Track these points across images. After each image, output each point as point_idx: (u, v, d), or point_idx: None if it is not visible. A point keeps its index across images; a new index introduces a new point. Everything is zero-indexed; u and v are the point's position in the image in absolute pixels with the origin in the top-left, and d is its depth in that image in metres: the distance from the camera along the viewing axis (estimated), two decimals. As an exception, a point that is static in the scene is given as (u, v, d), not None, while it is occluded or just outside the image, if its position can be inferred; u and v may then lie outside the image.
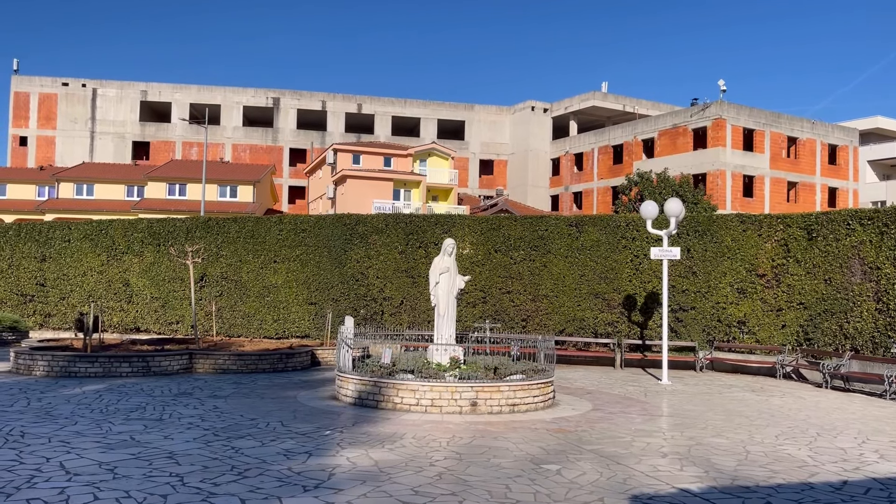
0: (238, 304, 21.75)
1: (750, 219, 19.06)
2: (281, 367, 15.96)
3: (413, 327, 19.99)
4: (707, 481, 7.15)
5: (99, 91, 66.16)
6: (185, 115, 64.68)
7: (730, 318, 18.67)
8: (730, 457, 8.29)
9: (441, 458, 7.84)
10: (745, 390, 14.66)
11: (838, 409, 12.29)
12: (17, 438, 8.28)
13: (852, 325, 16.33)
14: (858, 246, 16.67)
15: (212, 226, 22.50)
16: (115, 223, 23.61)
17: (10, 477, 6.59)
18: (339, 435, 8.94)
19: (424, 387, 10.82)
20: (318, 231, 21.69)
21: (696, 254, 19.07)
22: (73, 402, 11.02)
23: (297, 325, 21.40)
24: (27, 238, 23.99)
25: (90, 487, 6.32)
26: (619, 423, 10.40)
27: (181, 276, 21.89)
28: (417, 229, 21.11)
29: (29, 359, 14.46)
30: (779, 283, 18.21)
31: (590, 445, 8.71)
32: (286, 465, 7.35)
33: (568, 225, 20.30)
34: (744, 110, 52.26)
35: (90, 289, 22.97)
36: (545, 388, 11.62)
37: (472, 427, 9.71)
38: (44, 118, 65.23)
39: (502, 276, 20.31)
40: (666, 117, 56.45)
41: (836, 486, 7.12)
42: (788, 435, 9.75)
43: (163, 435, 8.68)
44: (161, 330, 22.27)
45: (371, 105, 69.95)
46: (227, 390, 12.71)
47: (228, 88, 68.13)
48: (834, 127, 57.88)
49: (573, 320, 19.79)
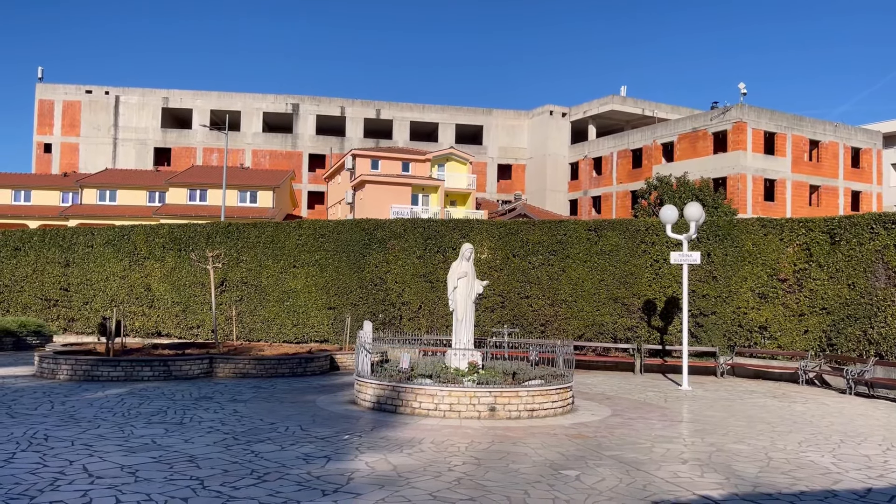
0: (258, 308, 21.90)
1: (771, 223, 18.87)
2: (300, 371, 16.03)
3: (431, 332, 20.01)
4: (728, 488, 7.07)
5: (121, 98, 67.03)
6: (206, 122, 65.32)
7: (751, 324, 18.48)
8: (751, 463, 8.20)
9: (459, 463, 7.83)
10: (767, 396, 14.50)
11: (862, 416, 12.12)
12: (40, 441, 8.39)
13: (876, 330, 16.10)
14: (882, 250, 16.44)
15: (232, 231, 22.70)
16: (136, 229, 23.90)
17: (34, 480, 6.68)
18: (357, 439, 8.97)
19: (443, 392, 10.82)
20: (337, 236, 21.80)
21: (716, 258, 18.91)
22: (96, 405, 11.15)
23: (316, 329, 21.49)
24: (51, 243, 24.34)
25: (112, 490, 6.39)
26: (639, 428, 10.33)
27: (202, 281, 22.09)
28: (435, 234, 21.14)
29: (53, 363, 14.65)
30: (801, 288, 18.00)
31: (609, 451, 8.66)
32: (305, 469, 7.38)
33: (587, 229, 20.22)
34: (764, 113, 51.76)
35: (112, 293, 23.25)
36: (564, 394, 11.57)
37: (490, 432, 9.69)
38: (68, 125, 66.18)
39: (521, 280, 20.27)
40: (685, 121, 56.08)
41: (860, 493, 7.02)
42: (811, 442, 9.63)
43: (183, 439, 8.76)
44: (182, 334, 22.48)
45: (389, 110, 70.20)
46: (246, 394, 12.80)
47: (248, 95, 68.72)
48: (857, 130, 57.15)
49: (592, 325, 19.69)
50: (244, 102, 68.30)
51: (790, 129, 52.72)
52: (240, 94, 68.72)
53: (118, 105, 66.84)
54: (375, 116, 69.85)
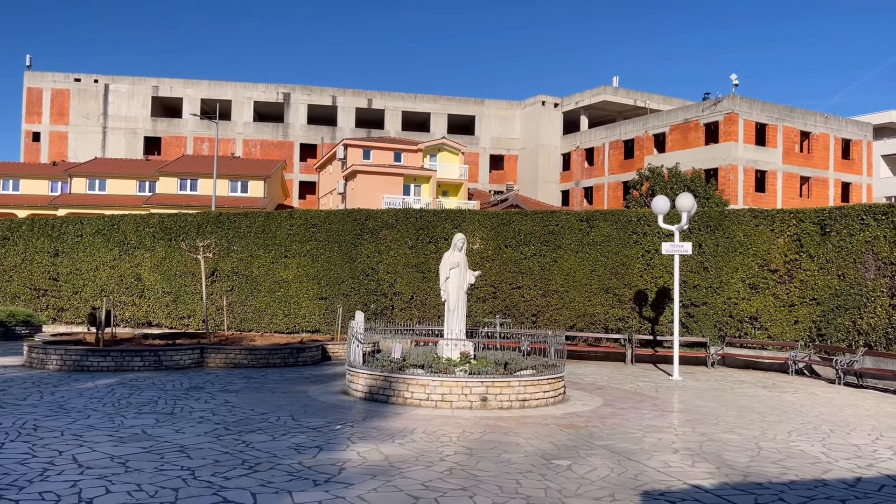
0: (249, 298, 21.83)
1: (762, 214, 18.93)
2: (292, 361, 16.00)
3: (423, 322, 20.01)
4: (719, 477, 7.11)
5: (111, 87, 66.48)
6: (197, 111, 64.92)
7: (742, 314, 18.56)
8: (742, 453, 8.24)
9: (451, 452, 7.84)
10: (758, 386, 14.58)
11: (851, 406, 12.20)
12: (30, 432, 8.34)
13: (866, 320, 16.20)
14: (872, 241, 16.52)
15: (223, 221, 22.59)
16: (126, 218, 23.75)
17: (24, 470, 6.64)
18: (349, 429, 8.96)
19: (435, 382, 10.82)
20: (329, 226, 21.73)
21: (707, 249, 18.96)
22: (86, 395, 11.09)
23: (308, 319, 21.45)
24: (40, 233, 24.16)
25: (102, 480, 6.35)
26: (630, 418, 10.36)
27: (192, 271, 21.99)
28: (427, 224, 21.10)
29: (42, 353, 14.57)
30: (791, 279, 18.08)
31: (600, 441, 8.68)
32: (297, 459, 7.37)
33: (578, 220, 20.23)
34: (756, 105, 51.87)
35: (102, 283, 23.12)
36: (556, 384, 11.59)
37: (482, 422, 9.70)
38: (56, 114, 65.63)
39: (512, 271, 20.27)
40: (677, 112, 56.13)
41: (849, 482, 7.06)
42: (801, 431, 9.69)
43: (174, 429, 8.72)
44: (173, 324, 22.39)
45: (381, 100, 69.93)
46: (238, 385, 12.76)
47: (239, 84, 68.29)
48: (847, 121, 57.36)
49: (584, 316, 19.73)
50: (235, 91, 67.87)
51: (781, 120, 52.87)
52: (231, 83, 68.28)
53: (107, 93, 66.30)
54: (367, 106, 69.57)
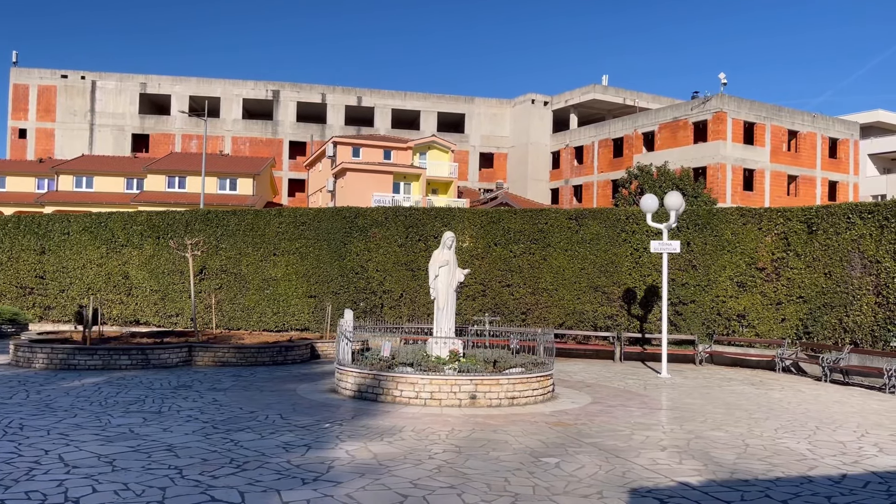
0: (238, 296, 21.74)
1: (750, 212, 19.03)
2: (280, 359, 15.95)
3: (413, 320, 20.00)
4: (706, 474, 7.14)
5: (98, 83, 65.98)
6: (185, 108, 64.54)
7: (729, 312, 18.67)
8: (729, 450, 8.28)
9: (440, 450, 7.84)
10: (745, 384, 14.66)
11: (837, 403, 12.30)
12: (15, 431, 8.27)
13: (852, 318, 16.33)
14: (858, 240, 16.65)
15: (211, 218, 22.49)
16: (114, 216, 23.60)
17: (9, 469, 6.59)
18: (338, 428, 8.94)
19: (424, 380, 10.82)
20: (318, 224, 21.67)
21: (696, 247, 19.05)
22: (73, 394, 11.01)
23: (297, 317, 21.39)
24: (27, 230, 23.96)
25: (89, 480, 6.31)
26: (619, 416, 10.40)
27: (181, 269, 21.88)
28: (417, 222, 21.08)
29: (28, 351, 14.45)
30: (779, 277, 18.20)
31: (589, 439, 8.71)
32: (285, 457, 7.35)
33: (568, 218, 20.28)
34: (744, 103, 52.12)
35: (90, 281, 22.97)
36: (544, 382, 11.62)
37: (471, 420, 9.71)
38: (43, 110, 65.06)
39: (502, 269, 20.29)
40: (666, 110, 56.32)
41: (835, 479, 7.12)
42: (787, 428, 9.75)
43: (162, 428, 8.68)
44: (161, 322, 22.27)
45: (371, 98, 69.76)
46: (226, 383, 12.71)
47: (228, 81, 67.92)
48: (835, 120, 57.73)
49: (573, 314, 19.79)
50: (224, 88, 67.51)
51: (769, 119, 53.15)
52: (219, 80, 67.90)
53: (95, 90, 65.79)
54: (357, 104, 69.39)
